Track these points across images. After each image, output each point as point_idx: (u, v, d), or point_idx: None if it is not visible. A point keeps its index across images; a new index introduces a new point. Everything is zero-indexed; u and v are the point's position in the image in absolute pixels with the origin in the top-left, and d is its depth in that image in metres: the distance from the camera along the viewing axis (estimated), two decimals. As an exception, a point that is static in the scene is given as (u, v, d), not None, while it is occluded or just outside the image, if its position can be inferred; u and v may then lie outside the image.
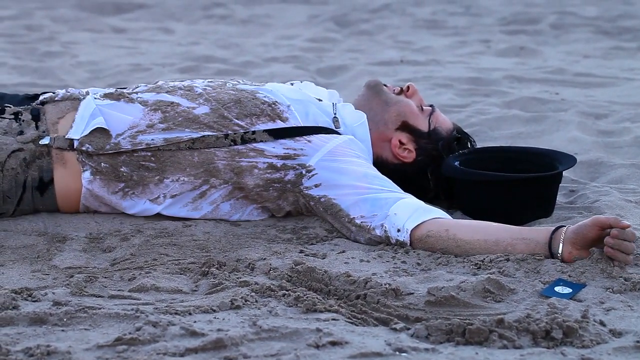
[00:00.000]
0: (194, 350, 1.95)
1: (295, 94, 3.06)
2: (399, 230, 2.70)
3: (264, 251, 2.65)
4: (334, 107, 3.09)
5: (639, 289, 2.35)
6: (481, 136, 4.16)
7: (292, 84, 3.21)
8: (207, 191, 2.91)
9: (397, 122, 3.11)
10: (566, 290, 2.33)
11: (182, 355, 1.93)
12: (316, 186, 2.90)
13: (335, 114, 3.06)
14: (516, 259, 2.51)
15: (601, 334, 2.08)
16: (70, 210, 2.93)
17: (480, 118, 4.50)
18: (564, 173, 3.22)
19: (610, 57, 6.77)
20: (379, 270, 2.49)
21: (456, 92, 5.30)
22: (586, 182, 3.44)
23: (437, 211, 2.76)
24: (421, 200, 2.81)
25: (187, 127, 2.90)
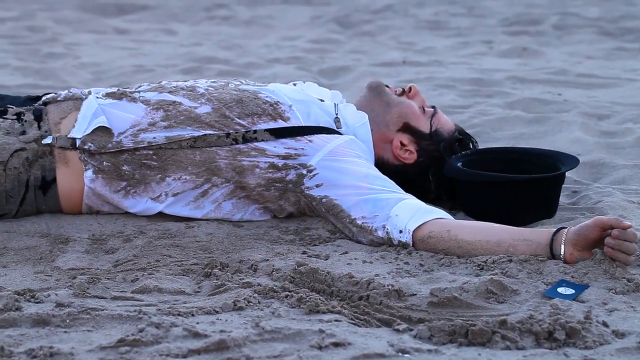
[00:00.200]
0: (197, 352, 1.95)
1: (298, 94, 3.06)
2: (401, 232, 2.70)
3: (267, 252, 2.65)
4: (335, 107, 3.09)
5: (641, 290, 2.35)
6: (483, 137, 4.16)
7: (295, 84, 3.21)
8: (209, 190, 2.91)
9: (399, 124, 3.11)
10: (569, 291, 2.33)
11: (184, 357, 1.93)
12: (317, 186, 2.90)
13: (337, 114, 3.06)
14: (519, 260, 2.51)
15: (604, 335, 2.08)
16: (72, 210, 2.93)
17: (483, 119, 4.49)
18: (567, 174, 3.22)
19: (612, 58, 6.76)
20: (382, 271, 2.49)
21: (458, 93, 5.30)
22: (589, 183, 3.44)
23: (439, 212, 2.76)
24: (422, 201, 2.82)
25: (188, 126, 2.90)
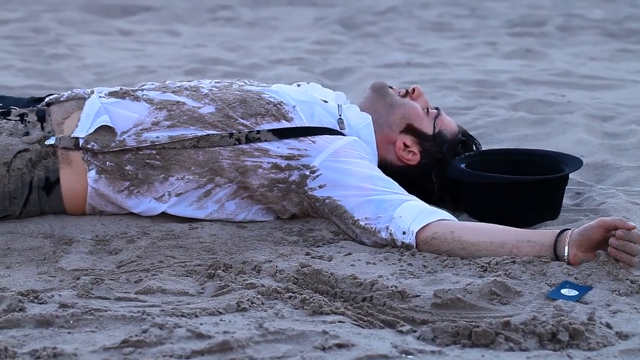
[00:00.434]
0: (200, 353, 1.95)
1: (301, 95, 3.06)
2: (404, 233, 2.70)
3: (270, 253, 2.65)
4: (339, 108, 3.09)
5: (645, 292, 2.35)
6: (487, 138, 4.16)
7: (299, 85, 3.21)
8: (212, 190, 2.91)
9: (402, 125, 3.11)
10: (572, 293, 2.33)
11: (188, 358, 1.93)
12: (320, 187, 2.89)
13: (340, 115, 3.06)
14: (522, 261, 2.51)
15: (607, 336, 2.08)
16: (76, 210, 2.93)
17: (487, 120, 4.49)
18: (570, 175, 3.22)
19: (616, 60, 6.76)
20: (385, 272, 2.49)
21: (462, 95, 5.30)
22: (592, 185, 3.44)
23: (442, 213, 2.76)
24: (425, 203, 2.81)
25: (192, 125, 2.91)
